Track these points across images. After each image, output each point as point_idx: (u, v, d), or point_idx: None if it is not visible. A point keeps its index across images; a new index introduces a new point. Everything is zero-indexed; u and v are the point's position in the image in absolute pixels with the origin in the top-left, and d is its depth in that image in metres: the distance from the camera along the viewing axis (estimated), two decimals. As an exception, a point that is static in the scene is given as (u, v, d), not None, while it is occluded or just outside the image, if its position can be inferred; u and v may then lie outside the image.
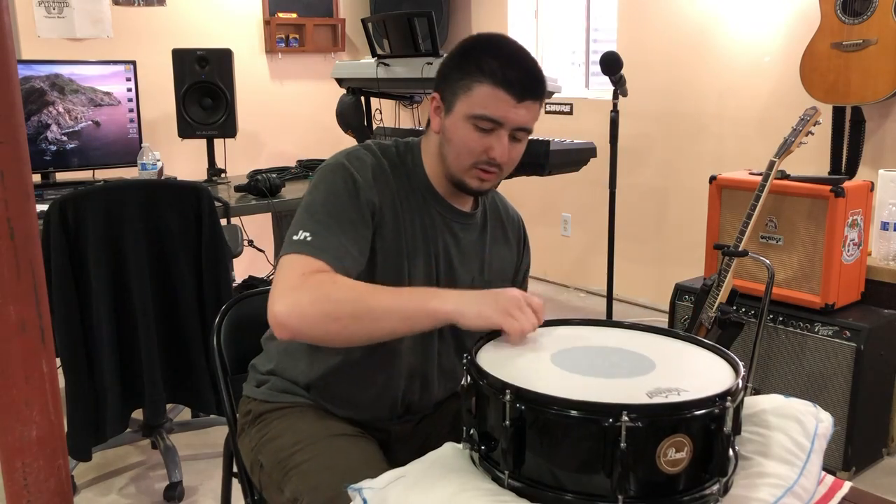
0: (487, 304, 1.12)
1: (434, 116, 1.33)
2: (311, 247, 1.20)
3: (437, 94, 1.32)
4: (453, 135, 1.29)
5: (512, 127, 1.27)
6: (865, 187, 2.56)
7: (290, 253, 1.20)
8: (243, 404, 1.44)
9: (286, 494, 1.24)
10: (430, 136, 1.36)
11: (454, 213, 1.38)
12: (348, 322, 1.14)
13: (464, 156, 1.29)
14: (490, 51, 1.27)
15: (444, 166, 1.33)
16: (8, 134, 0.79)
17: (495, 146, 1.27)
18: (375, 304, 1.15)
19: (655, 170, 4.02)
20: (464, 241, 1.39)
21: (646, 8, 3.93)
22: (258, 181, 2.85)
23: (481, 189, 1.33)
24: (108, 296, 2.16)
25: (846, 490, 1.11)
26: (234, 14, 4.45)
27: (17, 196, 0.80)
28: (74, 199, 2.09)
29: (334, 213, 1.24)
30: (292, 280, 1.17)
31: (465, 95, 1.27)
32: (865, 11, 2.76)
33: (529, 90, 1.26)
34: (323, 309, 1.14)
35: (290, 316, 1.13)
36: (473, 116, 1.26)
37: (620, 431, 0.88)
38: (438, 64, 1.36)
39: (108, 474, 2.55)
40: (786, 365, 2.57)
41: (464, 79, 1.27)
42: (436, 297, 1.14)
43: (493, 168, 1.30)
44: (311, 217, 1.24)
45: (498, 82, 1.24)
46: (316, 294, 1.15)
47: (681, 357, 1.11)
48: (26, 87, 2.90)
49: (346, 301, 1.15)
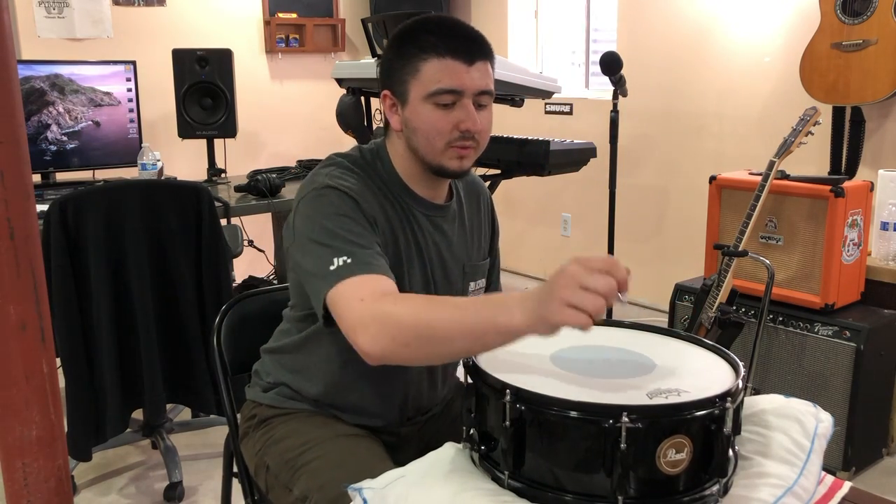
0: (546, 305, 0.95)
1: (392, 115, 1.29)
2: (357, 266, 1.14)
3: (386, 91, 1.29)
4: (417, 121, 1.25)
5: (472, 93, 1.23)
6: (865, 187, 2.55)
7: (339, 281, 1.13)
8: (247, 408, 1.43)
9: (295, 493, 1.24)
10: (394, 137, 1.32)
11: (434, 208, 1.35)
12: (417, 346, 1.06)
13: (434, 138, 1.24)
14: (424, 28, 1.25)
15: (417, 159, 1.29)
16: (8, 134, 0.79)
17: (463, 117, 1.23)
18: (440, 324, 1.04)
19: (655, 170, 4.02)
20: (449, 233, 1.38)
21: (646, 8, 3.93)
22: (258, 181, 2.85)
23: (463, 168, 1.28)
24: (108, 296, 2.16)
25: (846, 490, 1.11)
26: (234, 14, 4.45)
27: (17, 196, 0.80)
28: (74, 199, 2.09)
29: (352, 230, 1.19)
30: (354, 308, 1.10)
31: (415, 79, 1.24)
32: (865, 11, 2.76)
33: (477, 51, 1.24)
34: (391, 334, 1.06)
35: (368, 344, 1.07)
36: (431, 94, 1.22)
37: (620, 432, 0.88)
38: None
39: (108, 474, 2.55)
40: (786, 365, 2.56)
41: (407, 64, 1.24)
42: (503, 311, 1.00)
43: (468, 142, 1.25)
44: (335, 241, 1.17)
45: (443, 52, 1.22)
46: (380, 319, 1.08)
47: (681, 357, 1.11)
48: (26, 87, 2.90)
49: (408, 324, 1.06)
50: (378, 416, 1.37)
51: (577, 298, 0.91)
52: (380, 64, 1.32)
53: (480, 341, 1.02)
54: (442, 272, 1.37)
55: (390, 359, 1.08)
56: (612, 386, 1.01)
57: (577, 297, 0.91)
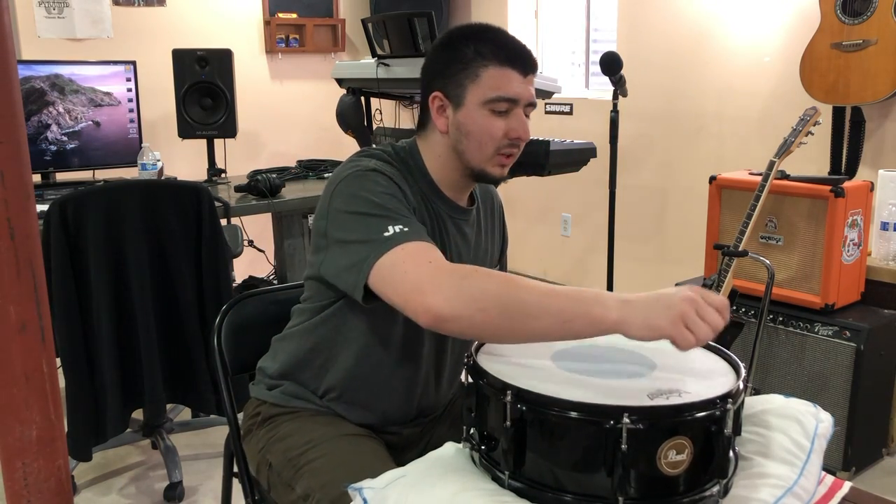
0: (659, 312, 0.99)
1: (439, 116, 1.30)
2: (414, 234, 1.14)
3: (438, 93, 1.29)
4: (472, 125, 1.27)
5: (525, 103, 1.28)
6: (865, 187, 2.55)
7: (396, 246, 1.12)
8: (251, 406, 1.43)
9: (297, 492, 1.24)
10: (432, 138, 1.33)
11: (460, 211, 1.37)
12: (496, 314, 1.04)
13: (487, 143, 1.27)
14: (481, 36, 1.28)
15: (459, 163, 1.30)
16: (8, 134, 0.79)
17: (515, 126, 1.27)
18: (529, 298, 1.04)
19: (655, 170, 4.02)
20: (469, 236, 1.40)
21: (646, 8, 3.93)
22: (258, 181, 2.85)
23: (502, 175, 1.32)
24: (108, 296, 2.16)
25: (846, 490, 1.11)
26: (234, 14, 4.45)
27: (17, 196, 0.80)
28: (74, 199, 2.09)
29: (400, 209, 1.20)
30: (424, 269, 1.09)
31: (474, 84, 1.26)
32: (865, 11, 2.76)
33: (530, 63, 1.28)
34: (468, 295, 1.05)
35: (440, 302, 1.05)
36: (489, 101, 1.25)
37: (621, 433, 0.88)
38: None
39: (108, 474, 2.55)
40: (786, 365, 2.56)
41: (467, 68, 1.26)
42: (598, 303, 1.02)
43: (513, 150, 1.30)
44: (389, 212, 1.17)
45: (503, 62, 1.25)
46: (457, 279, 1.07)
47: (682, 358, 1.11)
48: (26, 87, 2.90)
49: (492, 290, 1.05)
50: (382, 414, 1.37)
51: (693, 322, 0.98)
52: (428, 65, 1.33)
53: (566, 325, 1.03)
54: None
55: (458, 322, 1.05)
56: (612, 387, 1.01)
57: (694, 321, 0.98)
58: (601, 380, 1.03)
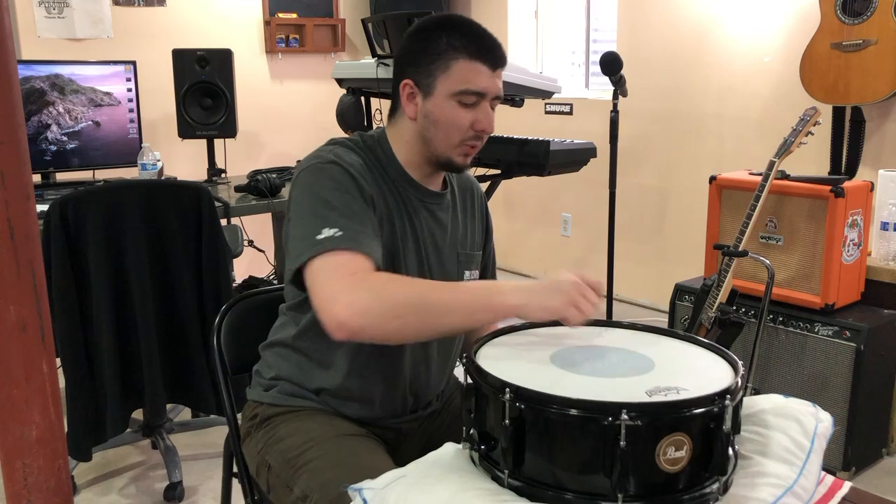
0: (551, 295, 1.14)
1: (408, 104, 1.33)
2: (345, 241, 1.18)
3: (408, 80, 1.32)
4: (439, 115, 1.30)
5: (492, 96, 1.31)
6: (865, 187, 2.55)
7: (325, 252, 1.17)
8: (249, 409, 1.43)
9: (296, 492, 1.24)
10: (401, 124, 1.36)
11: (431, 195, 1.40)
12: (411, 319, 1.14)
13: (453, 134, 1.31)
14: (452, 28, 1.30)
15: (426, 149, 1.34)
16: (8, 134, 0.79)
17: (481, 118, 1.31)
18: (437, 299, 1.16)
19: (655, 170, 4.02)
20: (443, 220, 1.42)
21: (646, 8, 3.94)
22: (258, 181, 2.85)
23: (466, 164, 1.37)
24: (108, 296, 2.16)
25: (846, 490, 1.11)
26: (234, 14, 4.45)
27: (17, 196, 0.80)
28: (74, 199, 2.09)
29: (349, 206, 1.23)
30: (344, 280, 1.14)
31: (444, 75, 1.29)
32: (865, 11, 2.77)
33: (500, 57, 1.32)
34: (384, 307, 1.13)
35: (351, 317, 1.11)
36: (458, 93, 1.29)
37: (620, 430, 0.88)
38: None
39: (108, 474, 2.55)
40: (786, 365, 2.57)
41: (438, 59, 1.29)
42: (498, 293, 1.15)
43: (478, 142, 1.34)
44: (330, 212, 1.21)
45: (473, 54, 1.28)
46: (376, 293, 1.14)
47: (680, 356, 1.11)
48: (26, 87, 2.91)
49: (409, 299, 1.15)
50: (378, 406, 1.38)
51: (580, 302, 1.14)
52: (401, 53, 1.35)
53: (473, 317, 1.16)
54: (437, 258, 1.40)
55: (368, 332, 1.14)
56: (611, 384, 1.01)
57: (580, 301, 1.14)
58: (600, 378, 1.03)
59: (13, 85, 0.79)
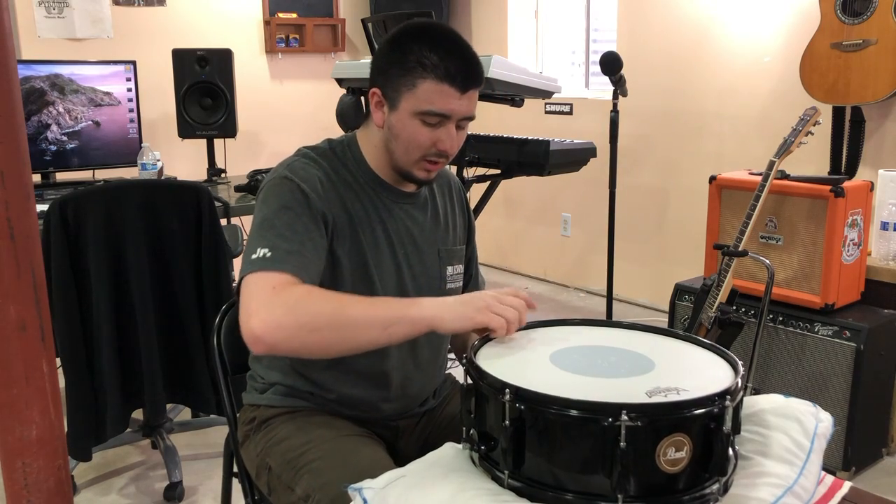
0: (464, 305, 1.15)
1: (376, 111, 1.32)
2: (273, 261, 1.19)
3: (376, 89, 1.31)
4: (401, 131, 1.29)
5: (458, 118, 1.29)
6: (865, 187, 2.55)
7: (253, 272, 1.19)
8: (246, 413, 1.44)
9: (297, 493, 1.24)
10: (372, 129, 1.36)
11: (404, 196, 1.39)
12: (327, 333, 1.14)
13: (413, 150, 1.30)
14: (427, 43, 1.25)
15: (390, 158, 1.34)
16: (8, 134, 0.79)
17: (444, 139, 1.29)
18: (354, 313, 1.16)
19: (655, 170, 4.02)
20: (420, 219, 1.41)
21: (646, 8, 3.94)
22: (258, 181, 2.85)
23: (428, 179, 1.35)
24: (108, 296, 2.16)
25: (846, 490, 1.11)
26: (234, 14, 4.45)
27: (17, 196, 0.80)
28: (74, 199, 2.09)
29: (290, 224, 1.23)
30: (263, 295, 1.16)
31: (409, 92, 1.26)
32: (865, 11, 2.77)
33: (472, 80, 1.27)
34: (299, 321, 1.13)
35: (266, 330, 1.12)
36: (420, 112, 1.26)
37: (620, 430, 0.88)
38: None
39: (108, 474, 2.55)
40: (786, 365, 2.57)
41: (406, 75, 1.26)
42: (414, 305, 1.16)
43: (441, 159, 1.32)
44: (268, 232, 1.22)
45: (441, 77, 1.24)
46: (291, 306, 1.13)
47: (680, 356, 1.11)
48: (26, 87, 2.91)
49: (324, 312, 1.15)
50: (373, 407, 1.38)
51: (498, 308, 1.14)
52: (374, 60, 1.33)
53: (390, 330, 1.15)
54: (417, 256, 1.40)
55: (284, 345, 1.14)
56: (611, 385, 1.01)
57: (498, 307, 1.14)
58: (599, 378, 1.03)
59: (13, 85, 0.79)
